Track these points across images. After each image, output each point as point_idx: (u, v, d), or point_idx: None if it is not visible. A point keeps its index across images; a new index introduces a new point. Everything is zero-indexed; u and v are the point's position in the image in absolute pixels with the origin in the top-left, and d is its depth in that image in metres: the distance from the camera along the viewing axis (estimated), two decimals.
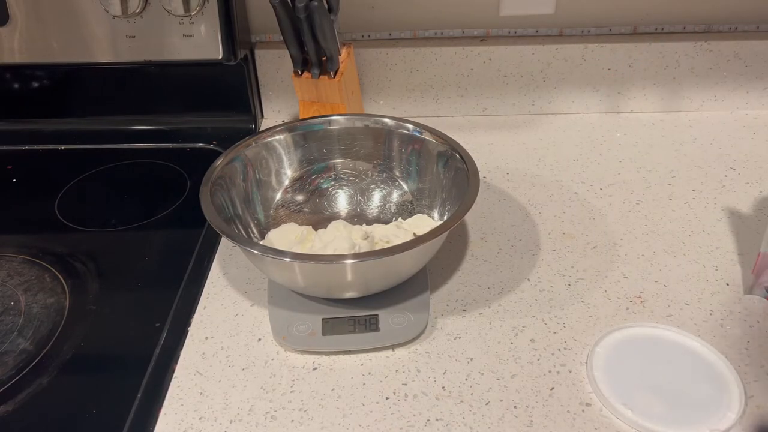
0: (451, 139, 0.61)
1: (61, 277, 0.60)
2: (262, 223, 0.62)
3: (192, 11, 0.73)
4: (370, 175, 0.66)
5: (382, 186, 0.66)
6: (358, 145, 0.66)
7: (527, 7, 0.81)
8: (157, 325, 0.55)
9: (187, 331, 0.54)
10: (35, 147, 0.83)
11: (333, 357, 0.52)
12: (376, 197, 0.66)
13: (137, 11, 0.73)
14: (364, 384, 0.49)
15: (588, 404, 0.47)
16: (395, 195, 0.65)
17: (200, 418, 0.47)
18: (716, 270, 0.59)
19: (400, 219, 0.62)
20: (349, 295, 0.53)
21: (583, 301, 0.56)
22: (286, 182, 0.65)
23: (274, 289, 0.56)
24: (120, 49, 0.76)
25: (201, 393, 0.49)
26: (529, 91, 0.85)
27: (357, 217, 0.64)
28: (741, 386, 0.47)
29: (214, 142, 0.83)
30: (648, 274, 0.59)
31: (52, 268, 0.61)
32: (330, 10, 0.70)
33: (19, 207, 0.72)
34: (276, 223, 0.62)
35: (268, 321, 0.54)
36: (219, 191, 0.56)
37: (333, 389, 0.49)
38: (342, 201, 0.66)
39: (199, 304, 0.57)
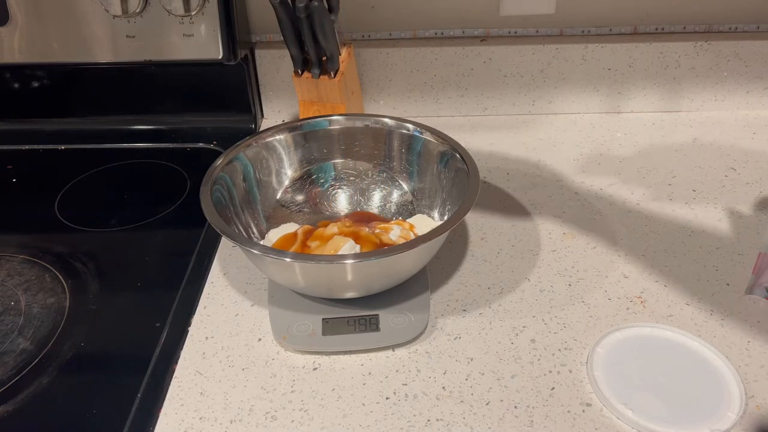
0: (451, 139, 0.61)
1: (61, 277, 0.60)
2: (262, 223, 0.62)
3: (192, 11, 0.73)
4: (370, 175, 0.66)
5: (382, 186, 0.66)
6: (358, 145, 0.66)
7: (527, 7, 0.81)
8: (157, 325, 0.55)
9: (187, 331, 0.54)
10: (35, 147, 0.83)
11: (333, 357, 0.52)
12: (376, 197, 0.66)
13: (137, 11, 0.73)
14: (364, 384, 0.49)
15: (588, 404, 0.47)
16: (395, 195, 0.65)
17: (200, 418, 0.47)
18: (716, 270, 0.59)
19: (400, 219, 0.62)
20: (349, 295, 0.53)
21: (583, 301, 0.56)
22: (286, 182, 0.65)
23: (274, 289, 0.56)
24: (120, 49, 0.76)
25: (201, 393, 0.49)
26: (529, 91, 0.85)
27: None
28: (741, 386, 0.47)
29: (214, 142, 0.83)
30: (648, 274, 0.59)
31: (52, 268, 0.61)
32: (330, 10, 0.70)
33: (19, 207, 0.72)
34: (276, 223, 0.62)
35: (268, 321, 0.54)
36: (219, 191, 0.56)
37: (333, 389, 0.49)
38: (342, 201, 0.66)
39: (199, 304, 0.57)
